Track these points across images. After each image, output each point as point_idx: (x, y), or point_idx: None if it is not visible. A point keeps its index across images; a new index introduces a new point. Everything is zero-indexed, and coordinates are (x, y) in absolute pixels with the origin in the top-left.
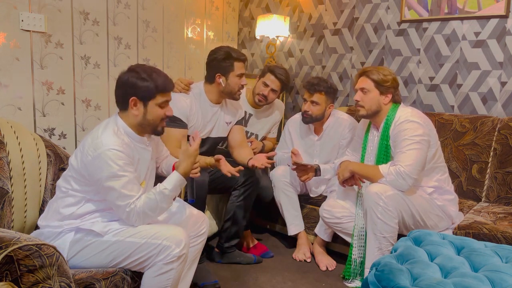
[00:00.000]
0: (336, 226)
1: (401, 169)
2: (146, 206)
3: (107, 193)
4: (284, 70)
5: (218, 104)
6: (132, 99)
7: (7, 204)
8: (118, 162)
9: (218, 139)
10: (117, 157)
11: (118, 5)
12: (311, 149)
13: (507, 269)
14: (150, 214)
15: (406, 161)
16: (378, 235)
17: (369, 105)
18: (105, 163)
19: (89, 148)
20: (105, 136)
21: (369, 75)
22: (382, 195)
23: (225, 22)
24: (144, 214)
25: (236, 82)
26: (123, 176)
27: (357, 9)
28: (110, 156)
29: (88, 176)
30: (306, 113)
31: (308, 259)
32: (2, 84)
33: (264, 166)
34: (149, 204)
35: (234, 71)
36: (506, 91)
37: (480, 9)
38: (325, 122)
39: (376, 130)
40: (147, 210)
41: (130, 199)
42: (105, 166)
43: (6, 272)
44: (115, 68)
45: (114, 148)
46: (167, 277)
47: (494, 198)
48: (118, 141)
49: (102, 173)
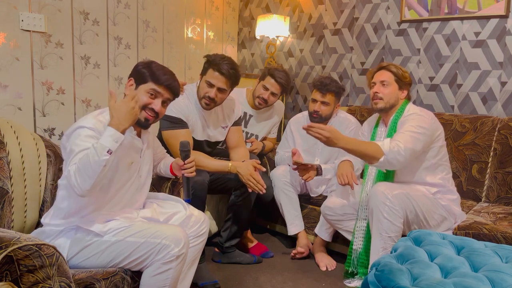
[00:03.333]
0: (337, 223)
1: (400, 145)
2: (79, 161)
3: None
4: (284, 73)
5: (208, 110)
6: (130, 79)
7: (7, 204)
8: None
9: (216, 142)
10: (85, 132)
11: (118, 5)
12: (313, 148)
13: (507, 269)
14: (85, 169)
15: (405, 141)
16: (384, 235)
17: (388, 98)
18: (73, 137)
19: (68, 128)
20: (83, 118)
21: (390, 68)
22: (388, 194)
23: (225, 22)
24: (79, 171)
25: (203, 87)
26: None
27: (357, 9)
28: (79, 132)
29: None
30: (316, 113)
31: (302, 253)
32: (2, 84)
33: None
34: (81, 158)
35: (206, 75)
36: (506, 91)
37: (480, 9)
38: (328, 121)
39: (384, 126)
40: (80, 165)
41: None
42: (72, 139)
43: (6, 272)
44: (115, 68)
45: (84, 125)
46: (165, 276)
47: (494, 198)
48: (92, 121)
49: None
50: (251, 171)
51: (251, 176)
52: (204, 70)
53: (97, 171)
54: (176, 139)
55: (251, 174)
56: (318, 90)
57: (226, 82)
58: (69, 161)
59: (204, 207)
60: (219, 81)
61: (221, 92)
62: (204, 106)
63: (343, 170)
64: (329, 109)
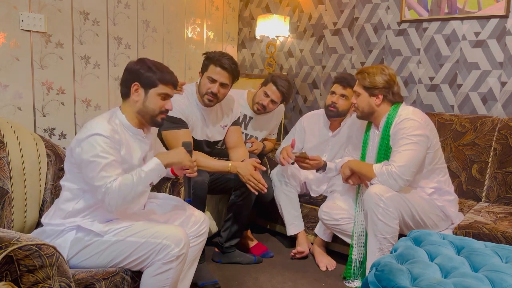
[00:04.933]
0: (335, 227)
1: (393, 170)
2: (122, 184)
3: (87, 175)
4: (287, 82)
5: (210, 106)
6: (134, 84)
7: (7, 204)
8: (102, 145)
9: (215, 142)
10: (102, 141)
11: (118, 5)
12: (323, 145)
13: (507, 269)
14: (125, 194)
15: (399, 161)
16: (379, 236)
17: (361, 107)
18: (90, 145)
19: (80, 133)
20: (96, 122)
21: (359, 79)
22: (382, 196)
23: (225, 22)
24: (120, 193)
25: (204, 84)
26: (104, 158)
27: (357, 9)
28: (96, 139)
29: (75, 161)
30: (333, 106)
31: (302, 253)
32: (2, 84)
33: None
34: (125, 182)
35: (207, 71)
36: (506, 91)
37: (480, 9)
38: (344, 119)
39: (376, 129)
40: (123, 188)
41: (107, 180)
42: (90, 148)
43: (6, 272)
44: (115, 68)
45: (101, 133)
46: (166, 276)
47: (494, 198)
48: (108, 127)
49: (87, 154)
50: (251, 171)
51: (251, 176)
52: (204, 66)
53: (135, 198)
54: (176, 139)
55: (251, 174)
56: (338, 83)
57: (229, 77)
58: (92, 173)
59: (204, 207)
60: (222, 76)
61: (223, 87)
62: (207, 103)
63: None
64: (347, 104)
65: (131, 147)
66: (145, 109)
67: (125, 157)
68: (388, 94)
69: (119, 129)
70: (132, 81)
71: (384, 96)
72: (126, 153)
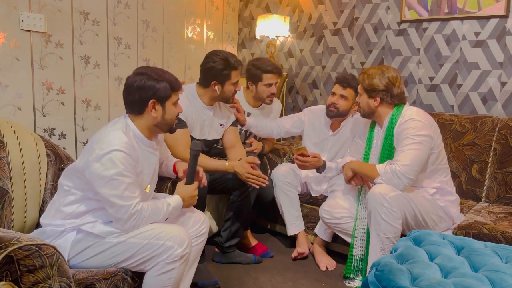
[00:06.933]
0: (335, 226)
1: (397, 169)
2: (152, 210)
3: (107, 191)
4: (267, 60)
5: (211, 106)
6: (151, 102)
7: (7, 204)
8: (124, 163)
9: (213, 141)
10: (124, 158)
11: (118, 5)
12: (322, 143)
13: (507, 269)
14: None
15: (404, 160)
16: (382, 236)
17: (362, 107)
18: (111, 162)
19: (97, 146)
20: (114, 135)
21: (360, 80)
22: (386, 195)
23: (225, 22)
24: (148, 220)
25: (231, 90)
26: (128, 177)
27: (357, 9)
28: (118, 156)
29: (88, 175)
30: (333, 106)
31: (302, 254)
32: (2, 84)
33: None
34: (154, 210)
35: (231, 79)
36: (506, 91)
37: (480, 9)
38: (344, 119)
39: (380, 128)
40: (152, 216)
41: (133, 200)
42: (112, 165)
43: (6, 272)
44: (115, 68)
45: (121, 149)
46: (168, 276)
47: (494, 198)
48: (126, 142)
49: (108, 171)
50: (247, 168)
51: (249, 173)
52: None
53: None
54: (175, 138)
55: (248, 171)
56: (339, 83)
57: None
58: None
59: (204, 207)
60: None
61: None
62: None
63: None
64: (347, 104)
65: (144, 162)
66: (164, 122)
67: (138, 171)
68: (386, 97)
69: (134, 142)
70: (148, 99)
71: (381, 98)
72: (139, 167)
